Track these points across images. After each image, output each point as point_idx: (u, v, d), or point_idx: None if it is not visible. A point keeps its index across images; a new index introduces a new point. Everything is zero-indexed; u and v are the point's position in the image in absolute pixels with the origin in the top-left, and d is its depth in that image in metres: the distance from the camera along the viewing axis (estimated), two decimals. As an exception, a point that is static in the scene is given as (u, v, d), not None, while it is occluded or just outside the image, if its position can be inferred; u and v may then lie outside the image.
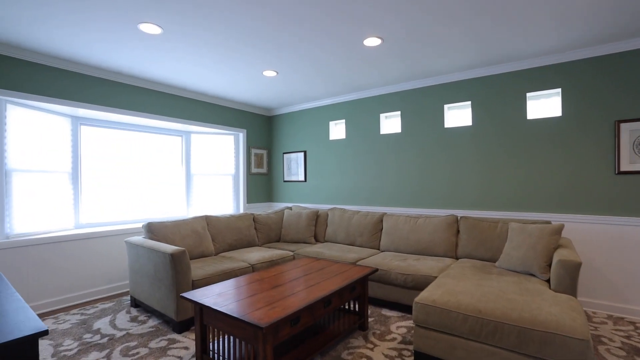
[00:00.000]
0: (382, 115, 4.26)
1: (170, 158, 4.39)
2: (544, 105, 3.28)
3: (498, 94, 3.41)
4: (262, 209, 5.35)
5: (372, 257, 3.29)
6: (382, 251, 3.68)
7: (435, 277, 2.72)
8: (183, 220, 3.35)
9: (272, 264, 3.36)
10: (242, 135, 4.99)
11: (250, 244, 3.91)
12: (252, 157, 5.15)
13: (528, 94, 3.28)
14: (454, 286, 2.25)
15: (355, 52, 3.01)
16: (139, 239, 2.99)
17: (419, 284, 2.78)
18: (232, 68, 3.39)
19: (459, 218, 3.37)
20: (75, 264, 3.26)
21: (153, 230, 3.05)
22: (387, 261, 3.12)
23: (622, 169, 2.82)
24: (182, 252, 2.55)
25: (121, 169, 3.88)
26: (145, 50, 2.93)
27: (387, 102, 4.16)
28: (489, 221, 3.14)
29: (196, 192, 4.62)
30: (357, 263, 3.20)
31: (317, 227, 4.29)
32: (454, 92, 3.67)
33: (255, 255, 3.38)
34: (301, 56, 3.10)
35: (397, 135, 4.09)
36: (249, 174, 5.10)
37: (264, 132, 5.40)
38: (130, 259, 3.01)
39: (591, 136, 2.97)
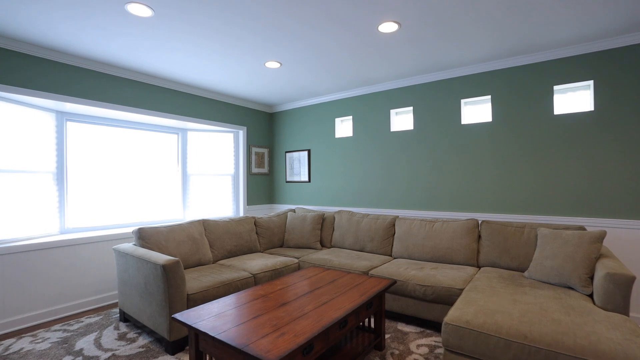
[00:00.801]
0: (393, 112, 3.97)
1: (165, 157, 4.09)
2: (573, 99, 3.00)
3: (522, 88, 3.13)
4: (263, 212, 5.06)
5: (386, 266, 3.00)
6: (394, 258, 3.39)
7: (460, 290, 2.44)
8: (178, 225, 3.06)
9: (275, 273, 3.07)
10: (242, 133, 4.70)
11: (251, 250, 3.61)
12: (253, 156, 4.86)
13: (555, 87, 3.00)
14: (486, 302, 1.97)
15: (368, 40, 2.72)
16: (128, 246, 2.69)
17: (441, 296, 2.50)
18: (232, 58, 3.10)
19: (479, 222, 3.09)
20: (59, 273, 2.96)
21: (144, 236, 2.76)
22: (402, 270, 2.83)
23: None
24: (176, 263, 2.26)
25: (111, 169, 3.58)
26: (136, 38, 2.64)
27: (398, 97, 3.88)
28: (514, 226, 2.86)
29: (193, 193, 4.33)
30: (370, 272, 2.91)
31: (322, 231, 4.00)
32: (472, 85, 3.39)
33: (257, 263, 3.09)
34: (308, 45, 2.81)
35: (408, 132, 3.80)
36: (249, 174, 4.81)
37: (265, 130, 5.10)
38: (119, 268, 2.72)
39: (626, 133, 2.69)
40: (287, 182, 4.99)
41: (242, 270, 2.90)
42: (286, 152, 4.98)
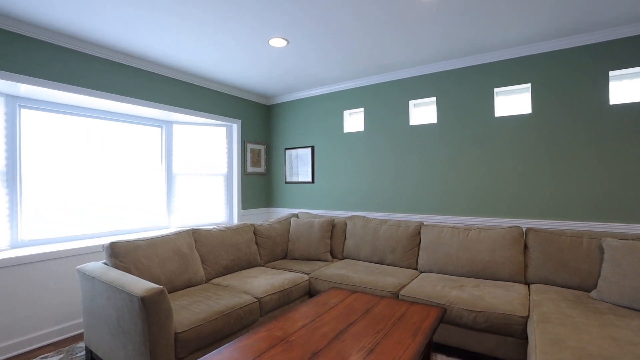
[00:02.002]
0: (412, 103, 3.49)
1: (147, 154, 3.47)
2: (631, 88, 2.58)
3: (571, 73, 2.69)
4: (260, 217, 4.49)
5: (417, 283, 2.50)
6: (421, 272, 2.90)
7: (523, 318, 1.95)
8: (162, 237, 2.46)
9: (284, 295, 2.52)
10: (235, 127, 4.11)
11: (250, 264, 3.05)
12: (248, 154, 4.28)
13: (611, 73, 2.58)
14: (578, 342, 1.49)
15: (393, 12, 2.22)
16: (96, 266, 2.09)
17: (497, 325, 2.01)
18: (229, 34, 2.54)
19: (524, 230, 2.63)
20: (9, 300, 2.32)
21: (118, 253, 2.16)
22: (439, 289, 2.34)
23: None
24: (159, 294, 1.68)
25: (79, 167, 2.95)
26: (112, 7, 2.04)
27: (418, 86, 3.40)
28: (569, 235, 2.41)
29: (179, 196, 3.72)
30: (401, 293, 2.40)
31: (332, 239, 3.47)
32: (507, 72, 2.94)
33: (261, 282, 2.53)
34: (321, 17, 2.28)
35: (430, 126, 3.32)
36: (244, 174, 4.23)
37: (261, 124, 4.53)
38: (85, 295, 2.11)
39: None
40: (287, 183, 4.44)
41: (243, 293, 2.33)
42: (286, 149, 4.43)
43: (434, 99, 3.33)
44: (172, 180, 3.67)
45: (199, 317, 1.91)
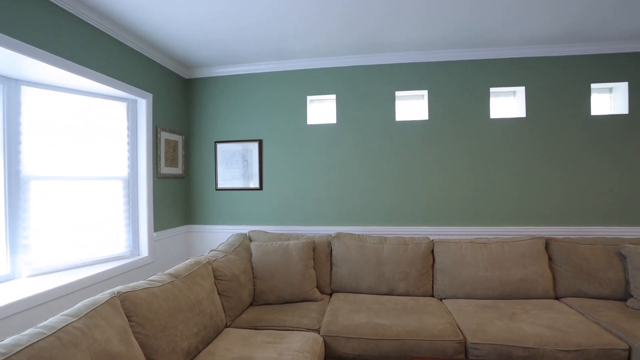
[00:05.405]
0: (399, 94, 2.95)
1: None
2: (607, 100, 2.79)
3: (560, 79, 2.71)
4: (178, 241, 3.04)
5: (462, 319, 1.94)
6: (440, 299, 2.37)
7: (625, 350, 1.65)
8: (59, 333, 1.04)
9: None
10: (145, 104, 2.60)
11: (217, 329, 1.80)
12: (162, 147, 2.81)
13: (593, 86, 2.72)
14: None
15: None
16: None
17: (601, 367, 1.65)
18: None
19: (546, 241, 2.45)
20: None
21: None
22: (504, 325, 1.84)
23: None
24: None
25: None
26: None
27: (407, 76, 2.89)
28: (586, 243, 2.35)
29: (36, 217, 2.00)
30: (470, 342, 1.77)
31: (315, 269, 2.54)
32: (504, 72, 2.78)
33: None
34: None
35: (420, 123, 2.87)
36: (156, 176, 2.74)
37: (179, 105, 3.09)
38: None
39: (659, 138, 2.62)
40: (218, 190, 3.16)
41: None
42: (217, 142, 3.15)
43: (426, 92, 2.89)
44: (18, 188, 1.92)
45: None
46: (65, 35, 1.91)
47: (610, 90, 2.79)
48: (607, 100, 2.81)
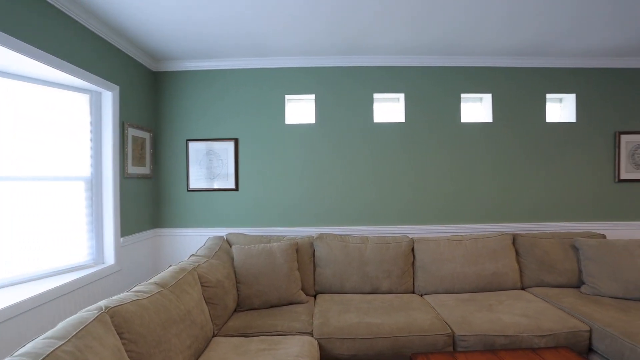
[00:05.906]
0: (377, 96, 3.02)
1: None
2: (558, 109, 3.11)
3: (521, 88, 2.97)
4: (146, 246, 2.81)
5: (447, 313, 2.04)
6: (421, 295, 2.47)
7: (587, 331, 1.85)
8: None
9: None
10: (110, 97, 2.36)
11: (206, 339, 1.69)
12: (129, 144, 2.57)
13: (548, 95, 3.01)
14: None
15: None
16: None
17: (563, 345, 1.83)
18: None
19: (513, 237, 2.65)
20: None
21: None
22: (482, 317, 1.97)
23: None
24: None
25: None
26: None
27: (385, 79, 2.96)
28: (545, 237, 2.60)
29: (-14, 226, 1.72)
30: (457, 333, 1.87)
31: (299, 271, 2.50)
32: (473, 79, 2.97)
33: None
34: None
35: (397, 126, 2.96)
36: (123, 177, 2.50)
37: (146, 98, 2.86)
38: None
39: (598, 143, 2.98)
40: (190, 190, 2.98)
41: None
42: (189, 140, 2.97)
43: (402, 95, 2.99)
44: (-37, 191, 1.64)
45: None
46: (18, 14, 1.67)
47: (561, 100, 3.11)
48: (558, 109, 3.13)
